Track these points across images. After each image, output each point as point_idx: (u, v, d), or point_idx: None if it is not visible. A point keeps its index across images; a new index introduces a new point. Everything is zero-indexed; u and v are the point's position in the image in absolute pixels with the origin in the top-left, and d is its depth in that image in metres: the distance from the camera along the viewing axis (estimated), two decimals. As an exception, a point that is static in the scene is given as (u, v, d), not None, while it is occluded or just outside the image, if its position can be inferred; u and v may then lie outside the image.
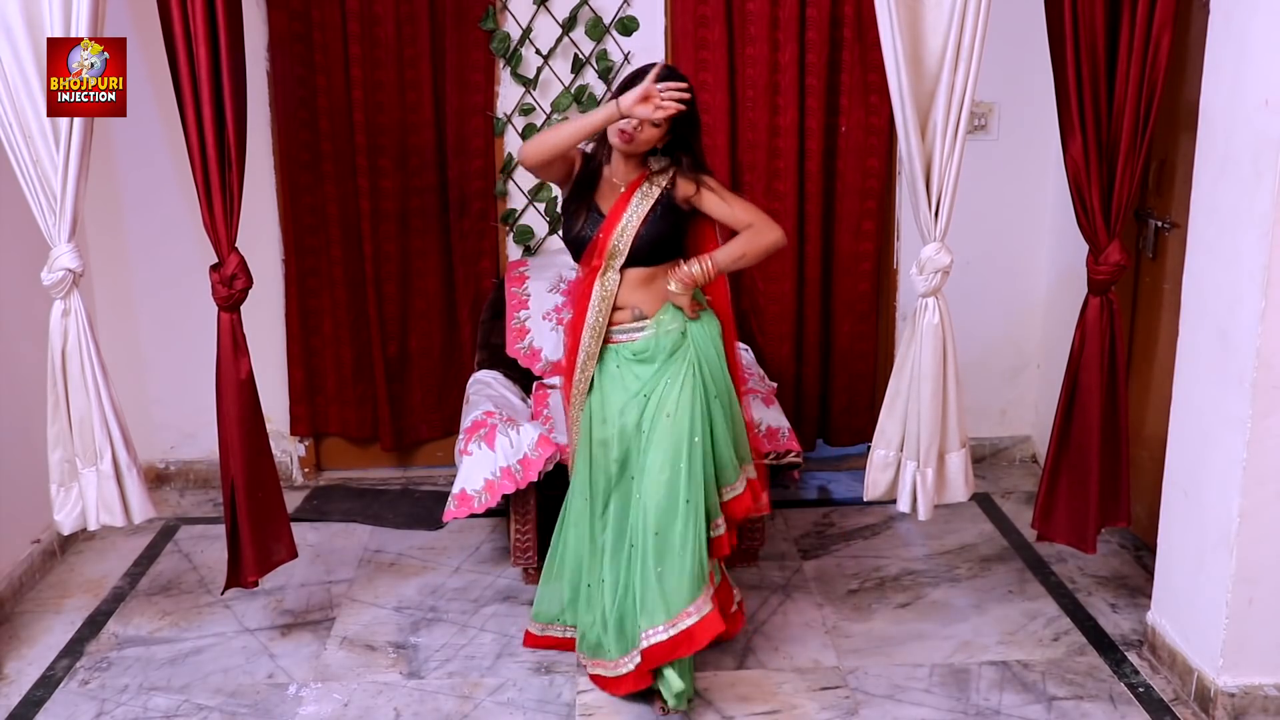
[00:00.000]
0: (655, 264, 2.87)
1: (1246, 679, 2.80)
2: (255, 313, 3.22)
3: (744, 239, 2.83)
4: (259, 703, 2.97)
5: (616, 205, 2.83)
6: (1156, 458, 3.13)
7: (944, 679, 3.04)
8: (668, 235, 2.86)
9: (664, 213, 2.83)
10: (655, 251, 2.86)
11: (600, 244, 2.84)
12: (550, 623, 3.09)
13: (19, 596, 3.47)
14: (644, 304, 2.88)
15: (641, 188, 2.83)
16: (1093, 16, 2.81)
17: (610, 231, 2.82)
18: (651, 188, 2.83)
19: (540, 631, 3.11)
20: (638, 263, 2.85)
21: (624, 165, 2.85)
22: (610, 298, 2.87)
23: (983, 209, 3.99)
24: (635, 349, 2.89)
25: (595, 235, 2.85)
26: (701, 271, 2.83)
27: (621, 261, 2.84)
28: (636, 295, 2.88)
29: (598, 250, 2.85)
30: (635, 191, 2.83)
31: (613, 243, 2.83)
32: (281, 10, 3.89)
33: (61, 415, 2.97)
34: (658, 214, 2.82)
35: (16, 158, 2.80)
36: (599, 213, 2.86)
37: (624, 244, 2.82)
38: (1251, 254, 2.61)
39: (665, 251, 2.88)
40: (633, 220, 2.82)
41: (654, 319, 2.88)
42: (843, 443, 4.40)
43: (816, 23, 3.97)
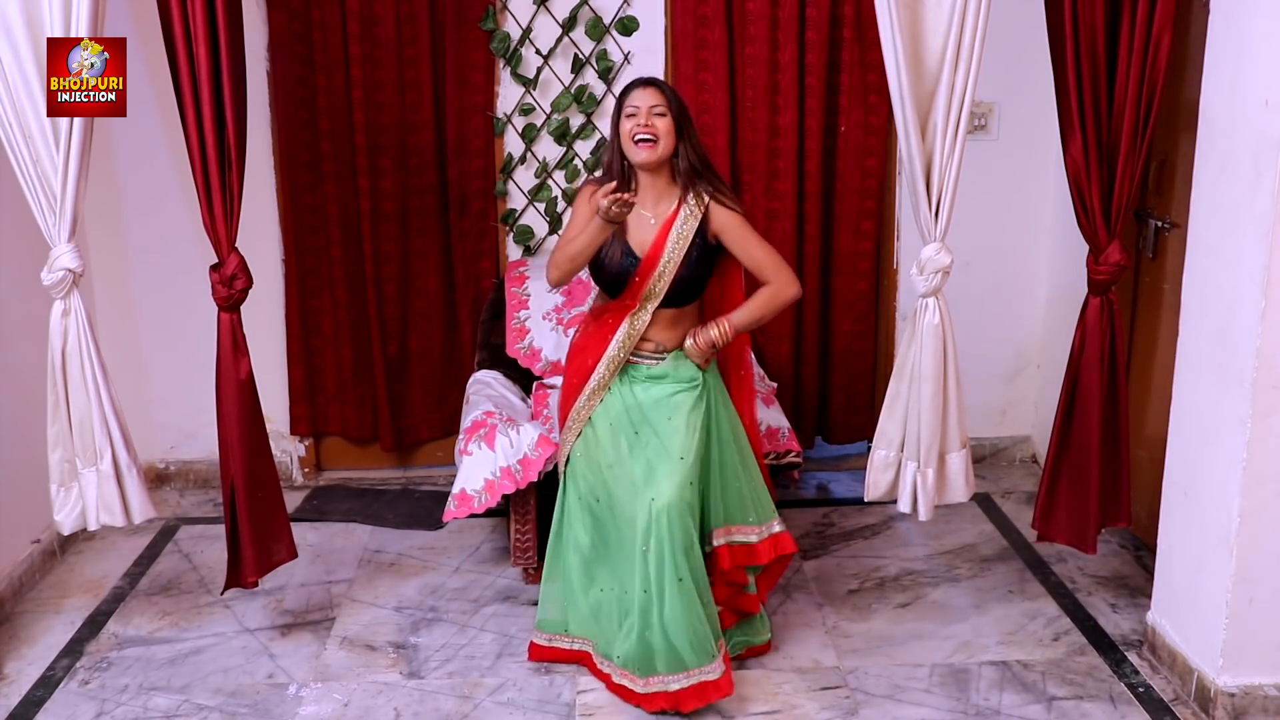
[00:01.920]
0: (686, 304, 2.91)
1: (1246, 679, 2.80)
2: (255, 313, 3.22)
3: (763, 300, 2.88)
4: (259, 703, 2.97)
5: (654, 248, 2.83)
6: (1156, 458, 3.13)
7: (944, 679, 3.04)
8: (702, 276, 2.90)
9: (700, 255, 2.86)
10: (689, 292, 2.90)
11: (637, 287, 2.85)
12: (556, 633, 3.07)
13: (19, 596, 3.47)
14: (669, 341, 2.92)
15: (676, 225, 2.83)
16: (1093, 16, 2.81)
17: (649, 276, 2.83)
18: (686, 226, 2.83)
19: (546, 643, 3.09)
20: (671, 304, 2.88)
21: (651, 192, 2.86)
22: (638, 336, 2.89)
23: (983, 209, 3.99)
24: (651, 373, 2.91)
25: (632, 278, 2.85)
26: (720, 335, 2.88)
27: (656, 304, 2.86)
28: (664, 334, 2.92)
29: (633, 293, 2.86)
30: (670, 230, 2.83)
31: (649, 286, 2.84)
32: (281, 10, 3.89)
33: (61, 415, 2.97)
34: (694, 257, 2.84)
35: (16, 158, 2.80)
36: (633, 254, 2.85)
37: (660, 288, 2.84)
38: (1251, 254, 2.61)
39: (698, 291, 2.92)
40: (670, 263, 2.83)
41: (674, 354, 2.92)
42: (842, 440, 4.40)
43: (816, 23, 3.97)
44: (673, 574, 2.78)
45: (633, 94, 2.82)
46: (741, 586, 3.01)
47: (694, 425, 2.85)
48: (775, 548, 3.00)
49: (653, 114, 2.78)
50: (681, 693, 2.82)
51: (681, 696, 2.82)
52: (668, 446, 2.83)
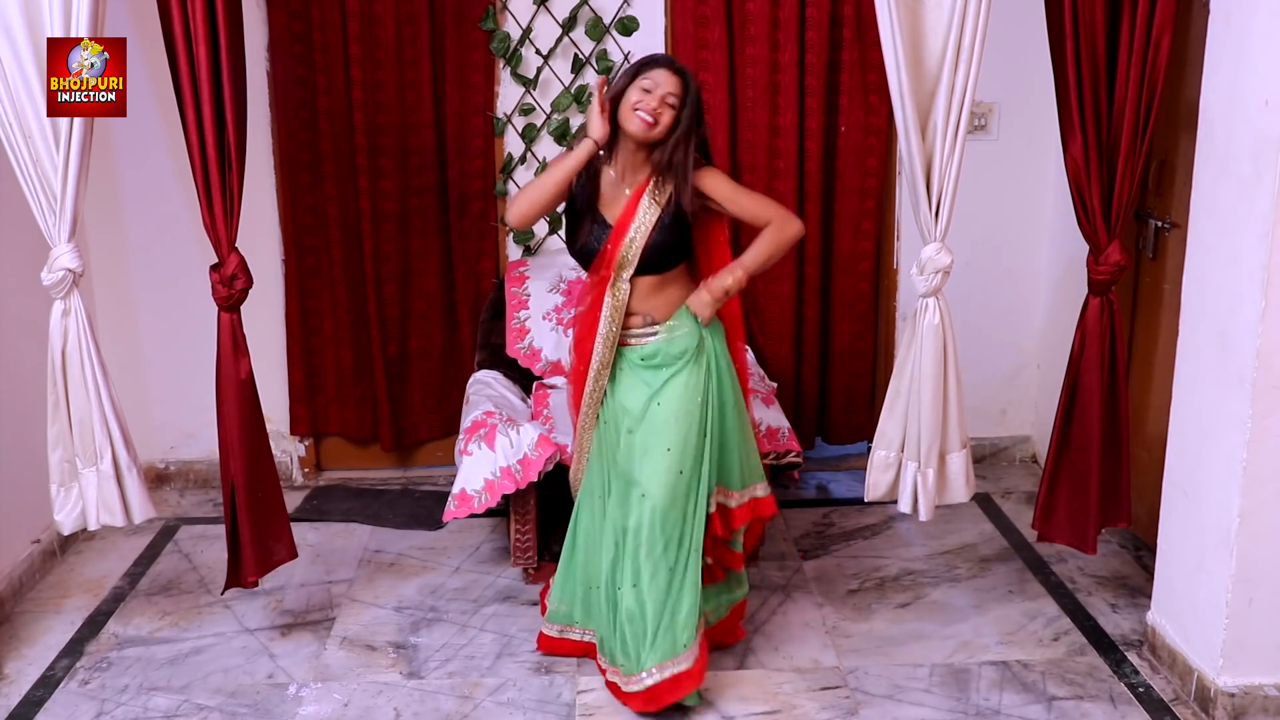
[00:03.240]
0: (666, 270, 2.85)
1: (1246, 679, 2.80)
2: (255, 313, 3.22)
3: (769, 239, 2.80)
4: (259, 703, 2.97)
5: (624, 214, 2.80)
6: (1156, 458, 3.13)
7: (944, 679, 3.04)
8: (676, 242, 2.83)
9: (672, 220, 2.79)
10: (665, 258, 2.83)
11: (609, 255, 2.81)
12: (568, 624, 3.09)
13: (19, 596, 3.47)
14: (656, 310, 2.87)
15: (648, 192, 2.79)
16: (1093, 16, 2.81)
17: (619, 243, 2.79)
18: (658, 192, 2.78)
19: (558, 634, 3.11)
20: (648, 271, 2.83)
21: (629, 163, 2.81)
22: (622, 307, 2.84)
23: (983, 209, 3.99)
24: (643, 353, 2.87)
25: (603, 246, 2.81)
26: (735, 282, 2.80)
27: (631, 271, 2.81)
28: (649, 303, 2.86)
29: (605, 261, 2.82)
30: (641, 197, 2.79)
31: (621, 253, 2.79)
32: (281, 10, 3.89)
33: (61, 415, 2.97)
34: (665, 221, 2.79)
35: (16, 158, 2.80)
36: (604, 222, 2.82)
37: (633, 254, 2.79)
38: (1251, 254, 2.61)
39: (675, 257, 2.86)
40: (641, 229, 2.78)
41: (665, 325, 2.87)
42: (841, 441, 4.40)
43: (816, 23, 3.97)
44: (649, 570, 2.79)
45: (655, 71, 2.71)
46: (727, 543, 3.00)
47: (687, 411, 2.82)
48: (753, 510, 2.99)
49: (665, 102, 2.70)
50: (655, 688, 2.82)
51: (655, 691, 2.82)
52: (657, 436, 2.81)
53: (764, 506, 3.01)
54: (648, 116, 2.70)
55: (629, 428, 2.86)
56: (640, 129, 2.72)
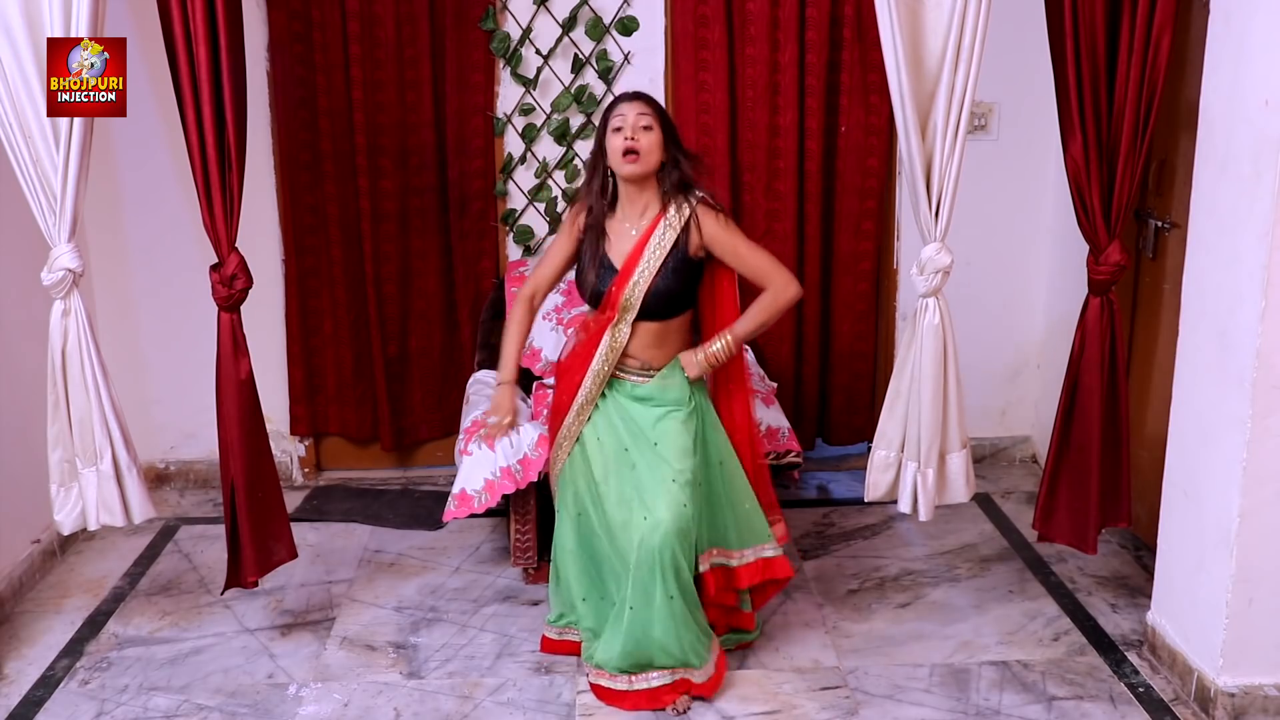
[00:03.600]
0: (668, 318, 2.86)
1: (1246, 679, 2.80)
2: (255, 313, 3.22)
3: (764, 305, 2.82)
4: (259, 703, 2.97)
5: (630, 258, 2.81)
6: (1156, 458, 3.13)
7: (944, 679, 3.04)
8: (681, 290, 2.84)
9: (677, 265, 2.80)
10: (669, 305, 2.84)
11: (613, 297, 2.82)
12: (568, 625, 3.08)
13: (19, 596, 3.47)
14: (655, 360, 2.88)
15: (654, 235, 2.80)
16: (1093, 16, 2.81)
17: (623, 285, 2.80)
18: (664, 237, 2.79)
19: (558, 636, 3.12)
20: (650, 317, 2.84)
21: (634, 205, 2.83)
22: (620, 349, 2.86)
23: (983, 209, 3.99)
24: (637, 393, 2.88)
25: (608, 289, 2.82)
26: (724, 349, 2.85)
27: (634, 315, 2.82)
28: (647, 352, 2.87)
29: (610, 303, 2.83)
30: (648, 240, 2.80)
31: (625, 296, 2.80)
32: (281, 10, 3.89)
33: (61, 415, 2.97)
34: (670, 267, 2.80)
35: (16, 158, 2.80)
36: (611, 265, 2.83)
37: (636, 298, 2.80)
38: (1251, 254, 2.61)
39: (678, 305, 2.86)
40: (645, 273, 2.79)
41: (660, 373, 2.88)
42: (842, 441, 4.40)
43: (816, 23, 3.97)
44: (663, 593, 2.79)
45: (619, 107, 2.79)
46: (729, 608, 3.02)
47: (687, 448, 2.83)
48: (763, 571, 2.98)
49: (639, 127, 2.74)
50: (662, 688, 2.85)
51: (660, 692, 2.85)
52: (661, 468, 2.81)
53: (777, 568, 2.99)
54: (631, 143, 2.73)
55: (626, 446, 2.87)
56: (631, 167, 2.75)
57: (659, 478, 2.80)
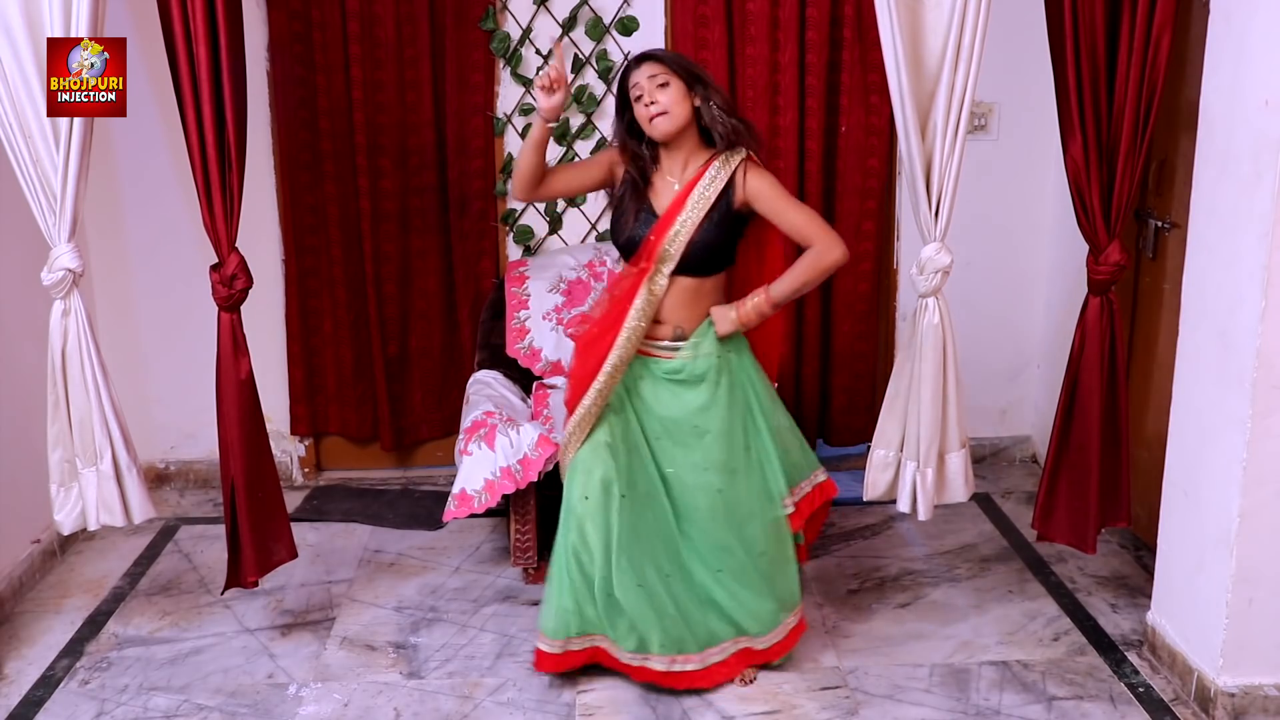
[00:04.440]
0: (706, 274, 2.79)
1: (1246, 679, 2.80)
2: (255, 313, 3.22)
3: (805, 265, 2.73)
4: (259, 703, 2.97)
5: (672, 206, 2.74)
6: (1156, 458, 3.13)
7: (944, 679, 3.04)
8: (722, 243, 2.78)
9: (720, 219, 2.74)
10: (708, 260, 2.78)
11: (651, 246, 2.74)
12: (569, 638, 2.90)
13: (19, 596, 3.47)
14: (687, 322, 2.82)
15: (699, 187, 2.73)
16: (1093, 16, 2.81)
17: (663, 234, 2.73)
18: (709, 189, 2.73)
19: (561, 650, 2.91)
20: (688, 271, 2.76)
21: (675, 161, 2.78)
22: (656, 304, 2.77)
23: (983, 209, 3.99)
24: (668, 368, 2.83)
25: (647, 236, 2.75)
26: (756, 309, 2.77)
27: (672, 267, 2.75)
28: (681, 312, 2.80)
29: (647, 252, 2.75)
30: (691, 191, 2.73)
31: (664, 246, 2.73)
32: (281, 10, 3.89)
33: (61, 415, 2.97)
34: (714, 220, 2.73)
35: (16, 158, 2.80)
36: (652, 212, 2.77)
37: (676, 248, 2.73)
38: (1251, 254, 2.61)
39: (718, 260, 2.80)
40: (687, 224, 2.72)
41: (690, 342, 2.82)
42: (843, 442, 4.40)
43: (816, 23, 3.97)
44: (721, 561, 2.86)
45: (631, 75, 2.73)
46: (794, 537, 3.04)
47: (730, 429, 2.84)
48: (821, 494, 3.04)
49: (654, 86, 2.69)
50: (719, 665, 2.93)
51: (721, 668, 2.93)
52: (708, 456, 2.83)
53: (827, 489, 3.05)
54: (653, 109, 2.69)
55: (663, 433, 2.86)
56: (663, 127, 2.71)
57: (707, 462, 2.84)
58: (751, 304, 2.78)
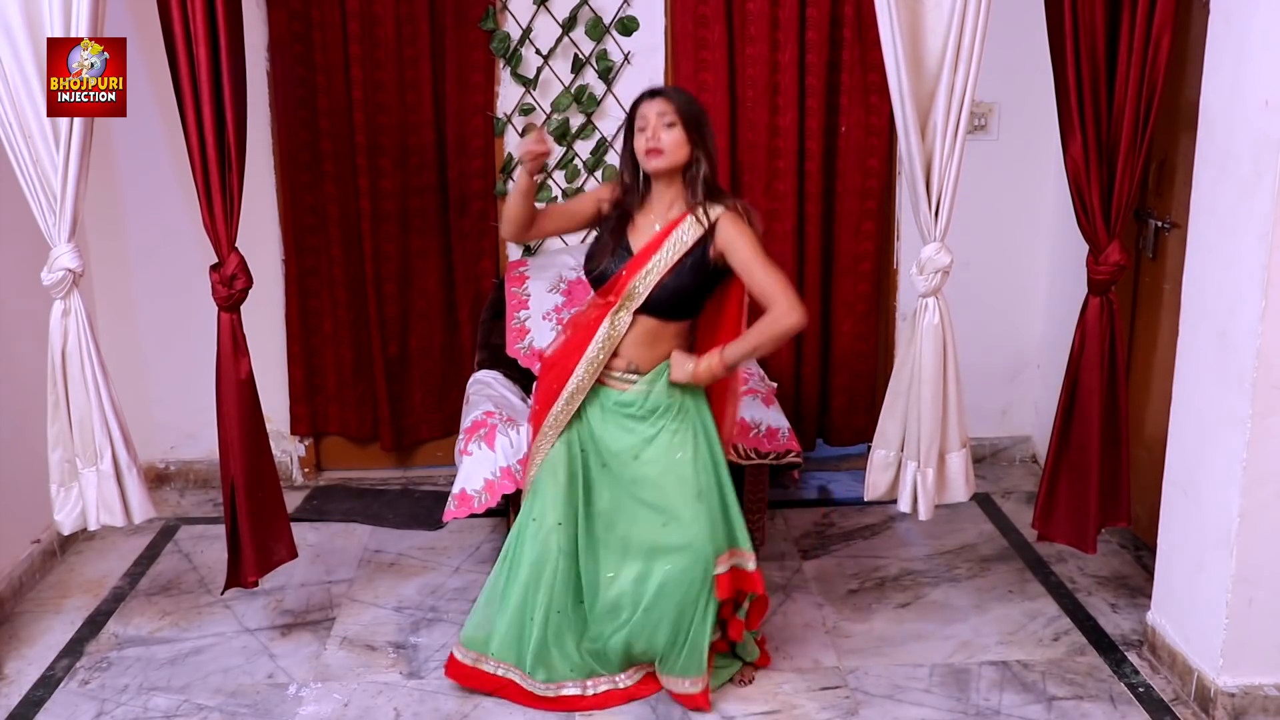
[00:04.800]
0: (669, 319, 2.79)
1: (1246, 679, 2.80)
2: (255, 313, 3.22)
3: (759, 329, 2.70)
4: (259, 703, 2.97)
5: (648, 246, 2.75)
6: (1156, 458, 3.13)
7: (944, 679, 3.04)
8: (691, 291, 2.76)
9: (694, 265, 2.73)
10: (674, 305, 2.77)
11: (621, 281, 2.75)
12: (483, 654, 2.94)
13: (19, 596, 3.47)
14: (643, 361, 2.81)
15: (677, 230, 2.74)
16: (1093, 16, 2.81)
17: (635, 271, 2.74)
18: (687, 234, 2.73)
19: (471, 662, 2.96)
20: (652, 311, 2.76)
21: (661, 200, 2.78)
22: (617, 339, 2.78)
23: (983, 209, 3.99)
24: (620, 399, 2.82)
25: (619, 271, 2.76)
26: (708, 371, 2.74)
27: (637, 305, 2.76)
28: (638, 350, 2.80)
29: (616, 287, 2.77)
30: (670, 233, 2.74)
31: (633, 284, 2.74)
32: (281, 10, 3.89)
33: (61, 415, 2.97)
34: (686, 265, 2.73)
35: (16, 158, 2.80)
36: (627, 249, 2.78)
37: (644, 288, 2.73)
38: (1251, 254, 2.61)
39: (684, 308, 2.80)
40: (659, 265, 2.73)
41: (646, 377, 2.81)
42: (843, 442, 4.40)
43: (816, 23, 3.97)
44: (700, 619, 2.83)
45: (642, 105, 2.74)
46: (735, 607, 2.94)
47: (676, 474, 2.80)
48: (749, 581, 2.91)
49: (661, 125, 2.69)
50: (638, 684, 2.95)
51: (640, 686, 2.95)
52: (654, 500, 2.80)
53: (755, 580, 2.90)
54: (653, 144, 2.69)
55: (604, 462, 2.84)
56: (656, 161, 2.71)
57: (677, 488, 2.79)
58: (705, 364, 2.75)
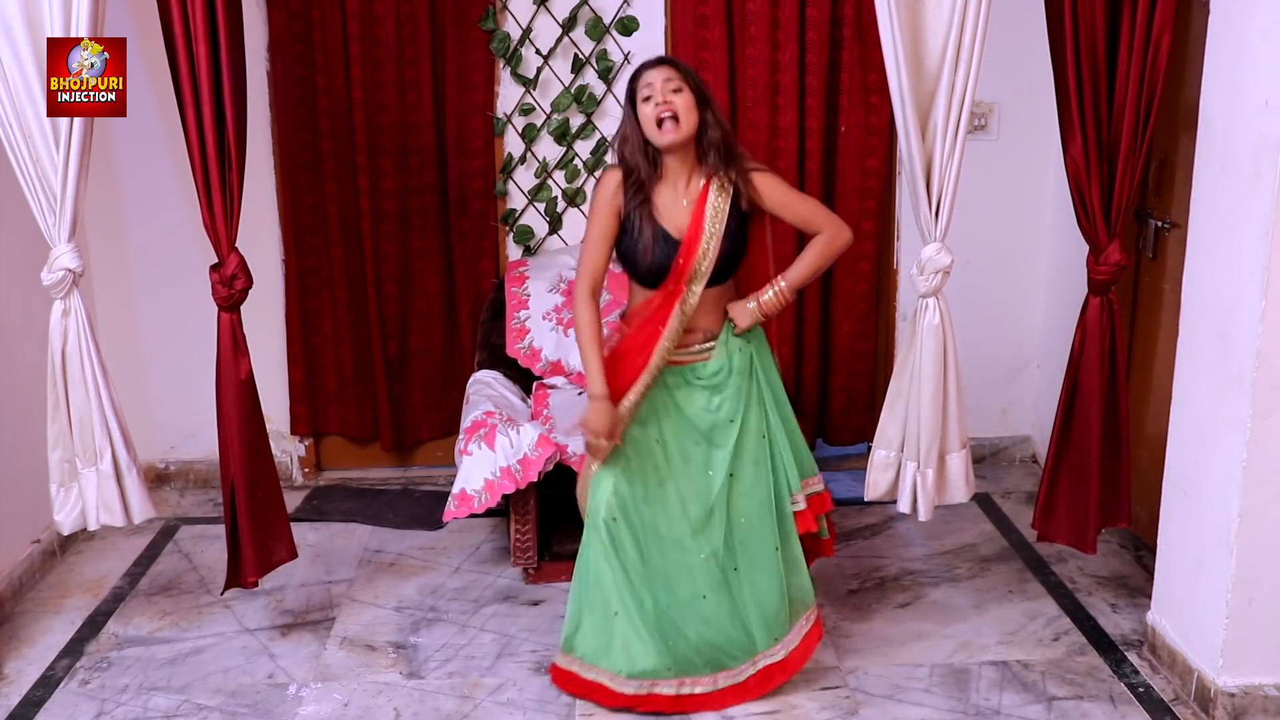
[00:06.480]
0: (727, 280, 2.82)
1: (1246, 679, 2.80)
2: (255, 313, 3.22)
3: (817, 250, 2.78)
4: (259, 703, 2.97)
5: (692, 226, 2.72)
6: (1156, 458, 3.13)
7: (944, 679, 3.04)
8: (741, 250, 2.81)
9: (737, 227, 2.76)
10: (730, 266, 2.80)
11: (681, 269, 2.73)
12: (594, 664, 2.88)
13: (19, 596, 3.47)
14: (714, 324, 2.84)
15: (710, 201, 2.72)
16: (1093, 16, 2.81)
17: (691, 256, 2.72)
18: (720, 199, 2.72)
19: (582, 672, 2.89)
20: (715, 281, 2.78)
21: (679, 173, 2.75)
22: (689, 320, 2.78)
23: (983, 209, 3.99)
24: (708, 370, 2.82)
25: (674, 261, 2.73)
26: (776, 298, 2.80)
27: (704, 283, 2.75)
28: (709, 316, 2.82)
29: (678, 275, 2.74)
30: (705, 206, 2.72)
31: (694, 266, 2.73)
32: (281, 10, 3.89)
33: (61, 415, 2.97)
34: (731, 229, 2.74)
35: (16, 158, 2.80)
36: (670, 237, 2.73)
37: (706, 265, 2.73)
38: (1251, 254, 2.61)
39: (737, 263, 2.83)
40: (713, 241, 2.72)
41: (720, 340, 2.83)
42: (843, 442, 4.40)
43: (816, 23, 3.97)
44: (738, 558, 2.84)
45: (645, 75, 2.69)
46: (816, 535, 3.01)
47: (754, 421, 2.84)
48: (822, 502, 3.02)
49: (669, 91, 2.66)
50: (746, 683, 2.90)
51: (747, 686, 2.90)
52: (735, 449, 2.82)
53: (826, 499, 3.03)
54: (665, 112, 2.65)
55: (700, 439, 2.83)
56: (671, 135, 2.67)
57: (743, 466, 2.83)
58: (772, 293, 2.82)
